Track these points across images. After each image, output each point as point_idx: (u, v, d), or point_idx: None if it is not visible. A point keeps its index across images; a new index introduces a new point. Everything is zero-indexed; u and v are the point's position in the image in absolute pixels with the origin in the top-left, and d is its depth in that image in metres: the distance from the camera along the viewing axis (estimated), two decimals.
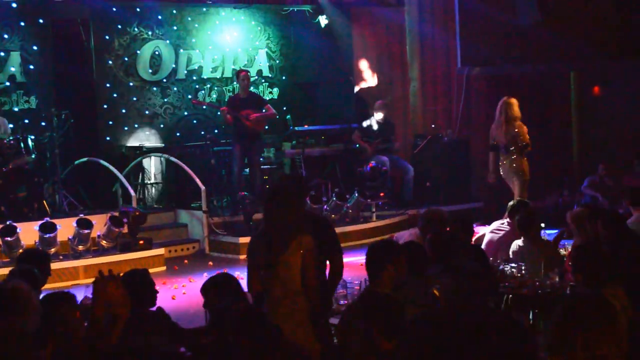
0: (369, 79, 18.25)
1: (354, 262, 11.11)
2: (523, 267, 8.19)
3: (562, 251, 9.44)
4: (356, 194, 14.97)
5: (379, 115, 16.55)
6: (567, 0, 17.01)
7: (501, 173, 13.32)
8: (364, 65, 18.23)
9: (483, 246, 9.57)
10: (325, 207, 14.78)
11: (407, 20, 18.37)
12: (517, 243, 9.04)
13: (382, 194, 15.48)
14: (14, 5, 14.94)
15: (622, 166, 16.13)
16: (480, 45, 17.52)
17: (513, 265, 8.25)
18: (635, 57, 17.20)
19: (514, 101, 13.17)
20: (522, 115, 13.18)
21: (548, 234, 10.04)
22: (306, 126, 16.47)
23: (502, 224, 10.05)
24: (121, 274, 5.66)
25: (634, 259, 7.67)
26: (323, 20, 17.53)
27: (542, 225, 9.63)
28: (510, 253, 8.96)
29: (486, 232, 10.26)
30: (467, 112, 18.35)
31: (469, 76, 18.18)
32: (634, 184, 14.44)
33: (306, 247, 6.65)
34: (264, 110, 14.93)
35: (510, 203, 10.27)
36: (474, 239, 9.79)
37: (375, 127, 16.37)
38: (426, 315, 5.23)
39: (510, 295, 7.79)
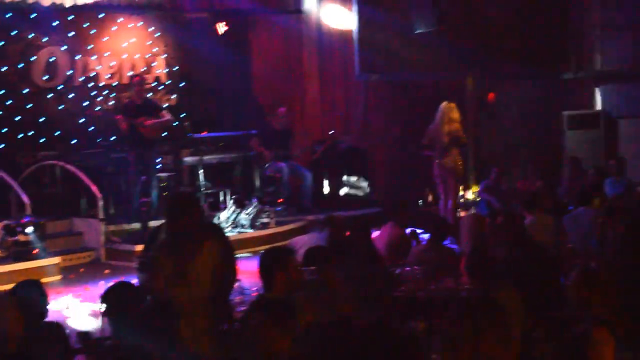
0: (268, 86, 18.23)
1: (252, 269, 11.05)
2: (418, 271, 8.28)
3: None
4: (254, 201, 14.96)
5: (277, 122, 16.59)
6: (462, 8, 17.25)
7: (435, 172, 13.88)
8: (262, 71, 18.21)
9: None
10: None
11: (305, 27, 18.43)
12: (418, 247, 9.17)
13: (280, 200, 15.51)
14: None
15: (517, 171, 16.42)
16: (378, 52, 17.66)
17: (408, 268, 8.34)
18: (529, 63, 17.55)
19: (454, 105, 14.02)
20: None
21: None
22: (205, 133, 16.36)
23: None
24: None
25: (529, 263, 7.82)
26: (221, 28, 17.46)
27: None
28: (410, 256, 9.07)
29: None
30: (366, 118, 18.50)
31: (367, 83, 18.33)
32: (528, 189, 14.75)
33: (217, 252, 6.66)
34: (160, 117, 14.78)
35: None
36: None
37: (273, 133, 16.41)
38: (319, 321, 5.27)
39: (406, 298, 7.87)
